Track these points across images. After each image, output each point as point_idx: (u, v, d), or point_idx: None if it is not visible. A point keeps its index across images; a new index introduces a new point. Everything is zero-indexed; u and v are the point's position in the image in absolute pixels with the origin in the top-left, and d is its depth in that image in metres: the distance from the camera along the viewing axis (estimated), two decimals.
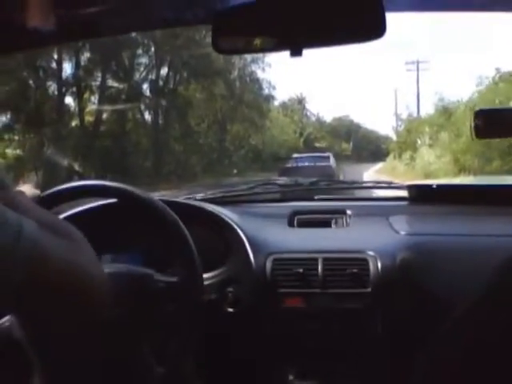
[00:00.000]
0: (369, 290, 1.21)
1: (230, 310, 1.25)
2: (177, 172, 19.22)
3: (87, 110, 19.21)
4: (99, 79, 19.48)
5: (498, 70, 14.77)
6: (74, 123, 18.50)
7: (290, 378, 1.28)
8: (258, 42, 0.95)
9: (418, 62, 30.38)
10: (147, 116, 22.32)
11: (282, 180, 2.13)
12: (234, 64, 24.65)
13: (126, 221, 1.22)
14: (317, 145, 38.96)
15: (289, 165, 15.57)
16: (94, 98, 19.81)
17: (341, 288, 1.23)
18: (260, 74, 27.67)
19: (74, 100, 18.75)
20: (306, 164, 14.82)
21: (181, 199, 1.47)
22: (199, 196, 1.64)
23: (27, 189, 0.81)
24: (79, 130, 18.15)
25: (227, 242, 1.32)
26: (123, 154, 17.96)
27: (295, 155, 17.78)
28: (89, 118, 19.32)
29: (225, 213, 1.38)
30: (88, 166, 15.15)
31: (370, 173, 21.75)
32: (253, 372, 1.31)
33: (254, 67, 26.57)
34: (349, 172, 17.69)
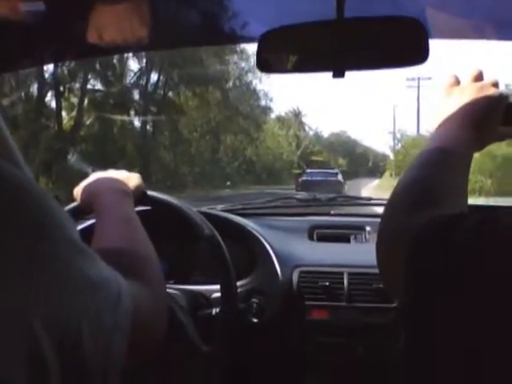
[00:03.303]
0: (394, 304, 1.30)
1: (255, 320, 1.33)
2: (165, 182, 19.21)
3: (72, 114, 19.17)
4: (81, 81, 19.42)
5: (507, 86, 15.03)
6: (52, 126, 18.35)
7: None
8: (301, 62, 1.05)
9: (419, 79, 30.92)
10: (136, 122, 22.32)
11: (301, 195, 2.23)
12: (229, 72, 24.82)
13: (155, 230, 1.30)
14: (314, 158, 39.24)
15: (304, 178, 18.46)
16: (76, 101, 19.77)
17: (366, 302, 1.31)
18: (257, 85, 27.90)
19: (53, 101, 18.66)
20: (320, 178, 17.86)
21: (204, 209, 1.55)
22: (220, 207, 1.72)
23: None
24: (55, 133, 17.99)
25: (252, 252, 1.41)
26: (104, 161, 17.80)
27: (308, 170, 21.22)
28: (71, 122, 19.28)
29: (250, 224, 1.46)
30: (61, 171, 15.02)
31: (369, 190, 21.94)
32: (274, 383, 1.39)
33: (250, 77, 26.77)
34: (346, 188, 18.01)
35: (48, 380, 0.39)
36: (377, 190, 22.75)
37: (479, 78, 0.75)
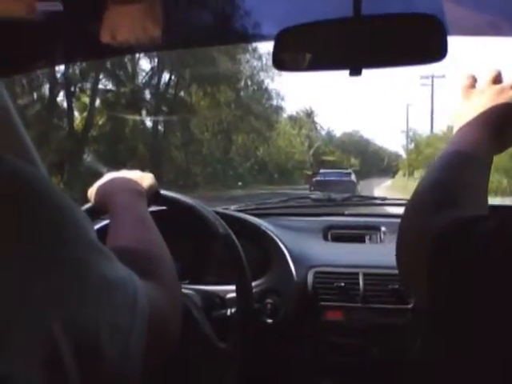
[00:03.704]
0: (410, 306, 1.29)
1: (269, 320, 1.33)
2: (177, 182, 19.29)
3: (84, 114, 19.32)
4: (92, 81, 19.54)
5: None
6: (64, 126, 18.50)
7: None
8: (317, 60, 1.04)
9: (432, 77, 30.71)
10: (148, 122, 22.44)
11: (315, 195, 2.23)
12: (241, 71, 24.85)
13: (169, 229, 1.30)
14: (326, 158, 39.21)
15: (318, 178, 19.04)
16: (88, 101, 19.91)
17: (382, 303, 1.31)
18: (269, 84, 27.91)
19: (67, 101, 18.80)
20: (333, 178, 18.40)
21: (219, 209, 1.55)
22: (233, 207, 1.72)
23: None
24: (67, 133, 18.11)
25: (267, 253, 1.40)
26: (116, 161, 17.88)
27: (322, 170, 21.97)
28: (83, 122, 19.43)
29: (264, 224, 1.46)
30: (73, 171, 15.13)
31: (381, 190, 21.85)
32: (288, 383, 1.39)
33: (262, 76, 26.79)
34: (359, 189, 18.04)
35: (66, 382, 0.39)
36: (390, 189, 22.67)
37: (498, 79, 0.75)
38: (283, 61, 1.05)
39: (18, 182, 0.41)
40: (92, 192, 0.97)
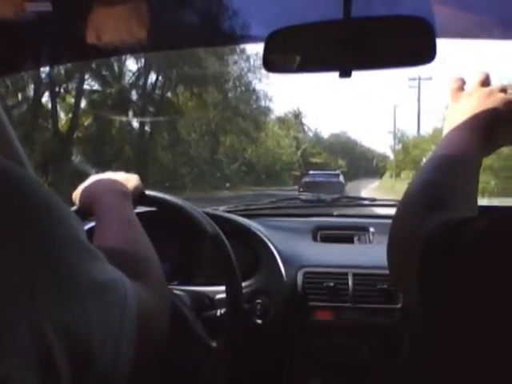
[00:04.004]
0: (399, 305, 1.30)
1: (259, 321, 1.33)
2: (164, 183, 19.22)
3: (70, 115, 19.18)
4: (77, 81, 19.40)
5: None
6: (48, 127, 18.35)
7: None
8: (307, 62, 1.05)
9: (419, 79, 31.02)
10: (135, 123, 22.33)
11: (305, 195, 2.24)
12: (229, 72, 24.85)
13: (157, 230, 1.30)
14: (313, 160, 39.37)
15: (307, 179, 19.30)
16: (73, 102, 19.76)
17: (371, 303, 1.32)
18: (257, 85, 27.95)
19: (52, 101, 18.64)
20: (321, 179, 18.84)
21: (208, 209, 1.55)
22: (222, 208, 1.73)
23: None
24: (51, 134, 17.95)
25: (257, 253, 1.41)
26: (102, 162, 17.73)
27: (311, 172, 22.40)
28: (68, 123, 19.30)
29: (254, 225, 1.47)
30: (58, 173, 14.98)
31: (369, 191, 21.97)
32: None
33: (250, 77, 26.82)
34: (347, 190, 18.17)
35: (58, 382, 0.39)
36: (377, 190, 22.80)
37: (486, 82, 0.76)
38: (273, 62, 1.06)
39: (8, 182, 0.40)
40: (77, 194, 0.97)
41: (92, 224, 1.35)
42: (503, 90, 0.74)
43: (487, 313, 0.46)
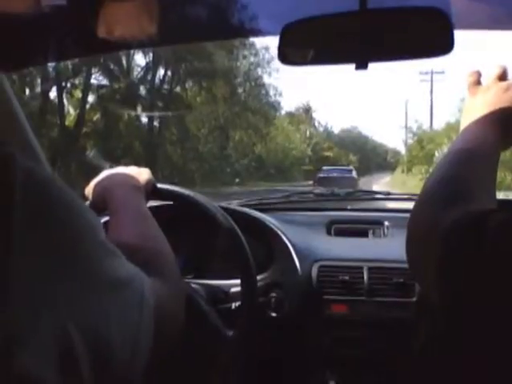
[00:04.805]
0: (414, 299, 1.31)
1: (273, 314, 1.35)
2: (173, 178, 19.26)
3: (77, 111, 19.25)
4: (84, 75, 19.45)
5: None
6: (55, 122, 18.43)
7: None
8: (323, 54, 1.06)
9: (432, 73, 30.79)
10: (143, 118, 22.38)
11: (319, 190, 2.25)
12: (238, 66, 24.79)
13: (171, 224, 1.32)
14: (325, 154, 39.26)
15: (321, 175, 19.94)
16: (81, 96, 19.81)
17: (386, 297, 1.33)
18: (266, 80, 27.86)
19: (58, 96, 18.72)
20: (335, 175, 19.44)
21: (221, 204, 1.57)
22: (236, 202, 1.74)
23: None
24: (59, 129, 18.04)
25: (271, 247, 1.42)
26: (111, 157, 17.77)
27: (325, 167, 22.97)
28: (76, 118, 19.39)
29: (267, 218, 1.48)
30: (66, 168, 15.03)
31: (380, 186, 21.90)
32: (292, 377, 1.41)
33: (260, 71, 26.73)
34: (359, 185, 18.17)
35: (80, 380, 0.40)
36: (389, 186, 22.70)
37: (504, 76, 0.77)
38: (289, 55, 1.07)
39: (32, 183, 0.41)
40: (90, 189, 0.98)
41: (105, 219, 1.37)
42: None
43: (510, 307, 0.46)
